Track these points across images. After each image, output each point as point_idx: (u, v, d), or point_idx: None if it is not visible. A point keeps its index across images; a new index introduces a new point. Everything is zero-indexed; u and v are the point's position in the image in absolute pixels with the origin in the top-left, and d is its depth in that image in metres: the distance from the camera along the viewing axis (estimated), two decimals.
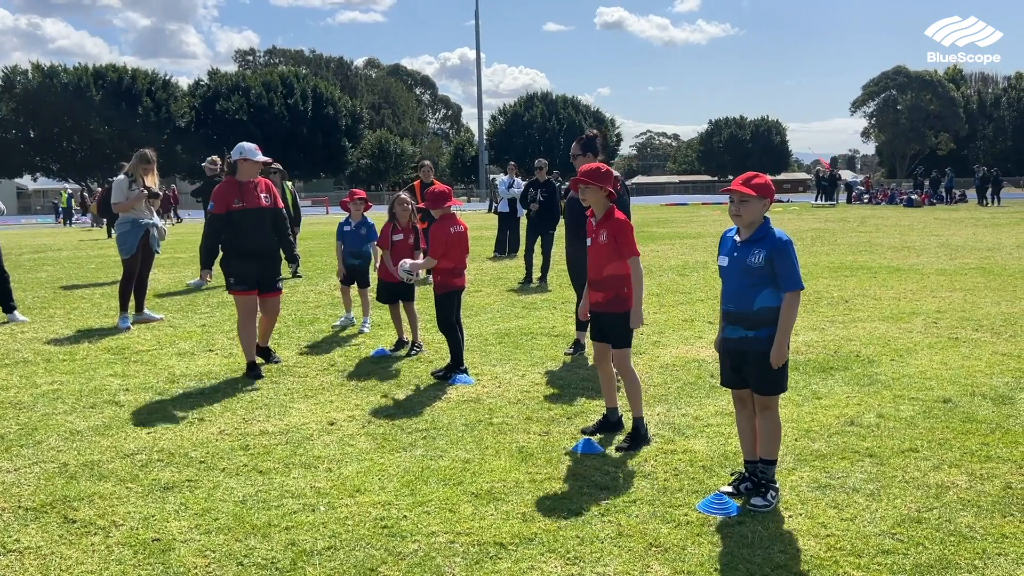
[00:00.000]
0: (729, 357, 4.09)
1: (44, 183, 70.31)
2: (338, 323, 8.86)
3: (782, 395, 5.63)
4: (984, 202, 37.01)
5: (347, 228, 8.68)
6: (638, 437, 4.84)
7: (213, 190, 6.55)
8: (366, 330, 8.59)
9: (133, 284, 9.25)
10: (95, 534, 3.77)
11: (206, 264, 7.00)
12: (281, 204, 6.94)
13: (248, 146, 6.67)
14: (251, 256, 6.63)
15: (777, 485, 4.03)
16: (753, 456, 4.10)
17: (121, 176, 9.46)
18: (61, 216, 40.18)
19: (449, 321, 6.48)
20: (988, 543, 3.50)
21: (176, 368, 7.03)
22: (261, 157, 6.70)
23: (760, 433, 4.05)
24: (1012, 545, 3.48)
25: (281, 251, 7.02)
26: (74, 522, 3.90)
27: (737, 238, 4.04)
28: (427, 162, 12.65)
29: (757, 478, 4.03)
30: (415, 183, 12.02)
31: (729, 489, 4.08)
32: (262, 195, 6.70)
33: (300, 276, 13.13)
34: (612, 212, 4.90)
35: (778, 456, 4.06)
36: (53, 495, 4.22)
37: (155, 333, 8.65)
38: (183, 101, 64.86)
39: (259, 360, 6.87)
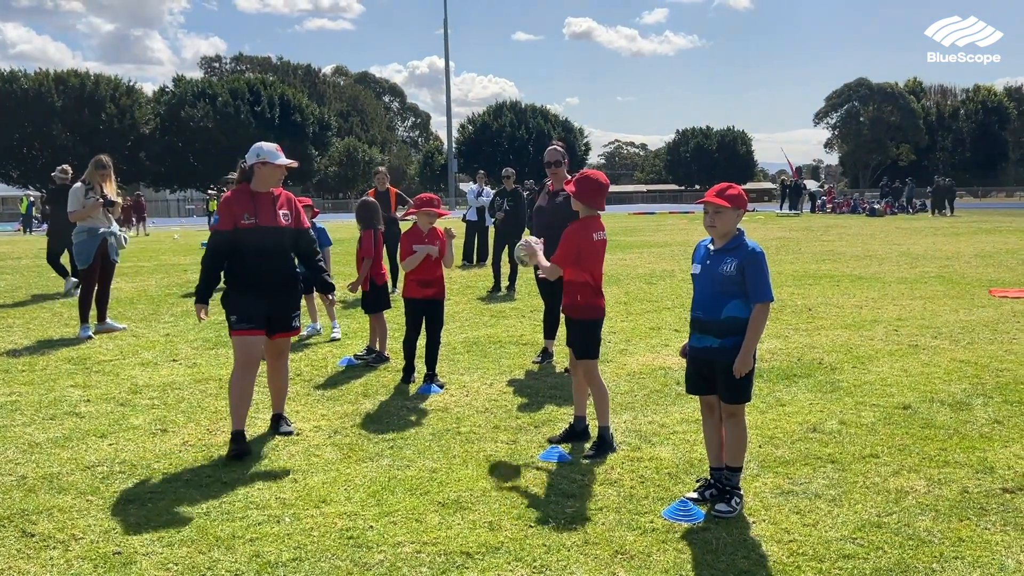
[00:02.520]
0: (696, 364, 4.14)
1: (3, 190, 68.92)
2: (305, 332, 8.80)
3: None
4: (935, 212, 37.77)
5: None
6: (604, 445, 4.87)
7: (221, 200, 5.16)
8: (337, 336, 8.59)
9: (93, 294, 9.06)
10: (54, 548, 3.70)
11: (202, 298, 5.11)
12: (307, 224, 5.44)
13: (268, 147, 5.17)
14: (260, 287, 5.08)
15: (742, 492, 4.08)
16: (719, 463, 4.15)
17: (77, 184, 9.16)
18: (20, 224, 39.39)
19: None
20: (945, 547, 3.57)
21: (139, 378, 6.92)
22: (284, 160, 5.22)
23: (727, 441, 4.10)
24: (969, 548, 3.55)
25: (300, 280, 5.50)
26: (32, 536, 3.82)
27: (711, 247, 4.09)
28: (382, 168, 12.29)
29: (722, 484, 4.07)
30: (370, 192, 11.69)
31: (695, 495, 4.12)
32: (281, 212, 5.17)
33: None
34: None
35: (744, 463, 4.12)
36: (11, 509, 4.13)
37: (117, 343, 8.52)
38: (147, 108, 63.94)
39: (245, 434, 5.08)
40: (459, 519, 3.95)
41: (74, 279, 8.46)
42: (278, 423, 5.44)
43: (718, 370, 4.01)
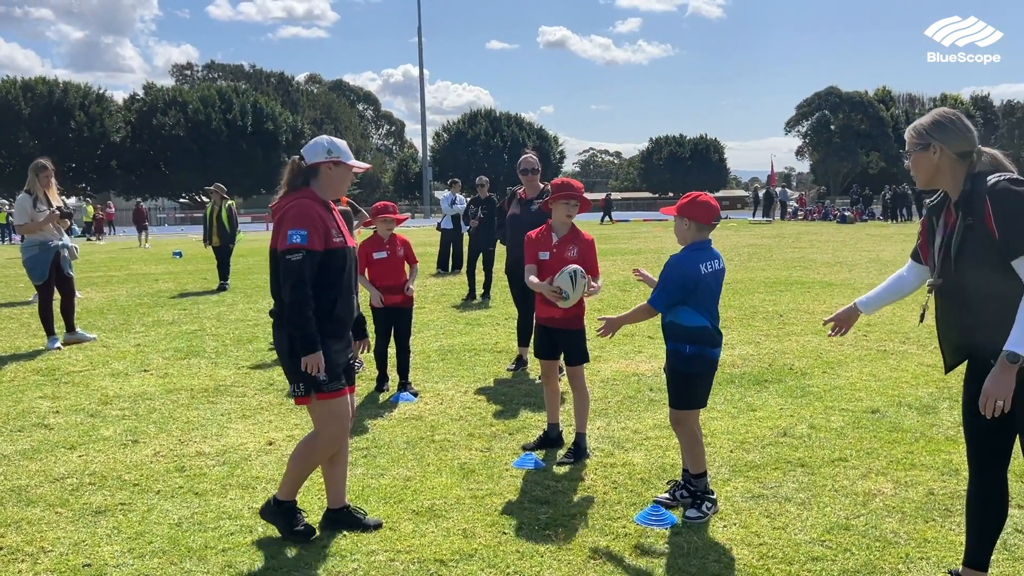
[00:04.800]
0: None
1: None
2: None
3: (716, 408, 5.76)
4: (892, 219, 38.38)
5: None
6: (579, 452, 4.90)
7: (297, 207, 3.75)
8: None
9: (52, 308, 8.82)
10: (23, 561, 3.66)
11: (314, 343, 3.71)
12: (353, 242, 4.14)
13: (342, 144, 3.94)
14: (346, 328, 3.98)
15: (714, 496, 4.13)
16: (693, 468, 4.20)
17: (22, 194, 8.75)
18: None
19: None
20: (911, 548, 3.64)
21: (109, 389, 6.85)
22: (358, 163, 3.99)
23: (680, 447, 4.19)
24: (934, 549, 3.62)
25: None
26: (0, 549, 3.77)
27: None
28: None
29: (691, 489, 4.12)
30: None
31: (666, 497, 4.17)
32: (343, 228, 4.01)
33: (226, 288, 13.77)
34: (578, 230, 5.01)
35: (706, 468, 4.15)
36: None
37: (87, 353, 8.42)
38: (118, 116, 63.26)
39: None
40: (433, 527, 3.96)
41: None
42: (347, 520, 3.99)
43: (666, 373, 4.19)
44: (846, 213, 40.14)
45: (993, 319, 2.85)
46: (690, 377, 4.06)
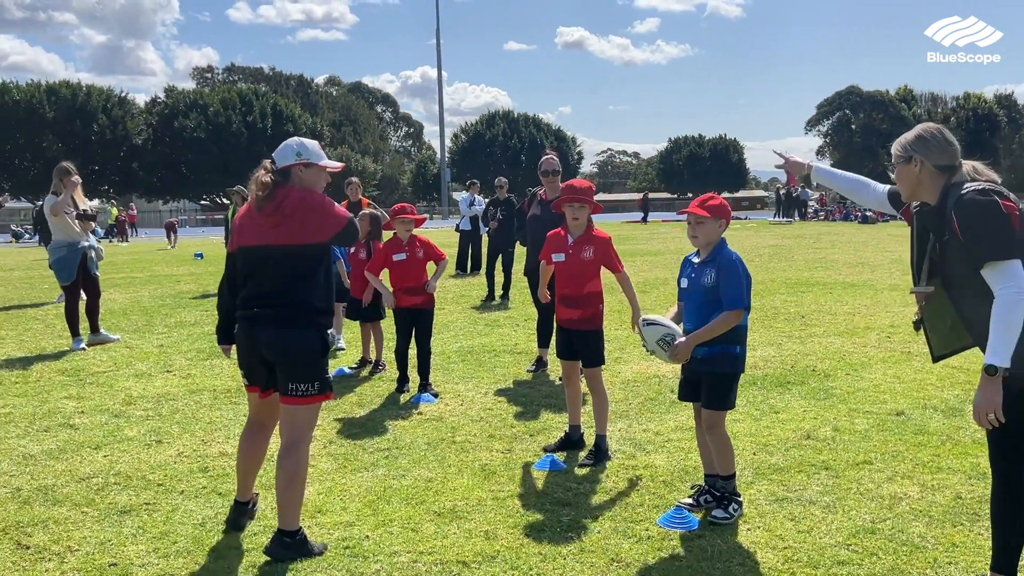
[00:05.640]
0: (687, 372, 4.18)
1: None
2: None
3: (739, 410, 5.72)
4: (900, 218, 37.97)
5: None
6: (600, 453, 4.89)
7: (349, 215, 3.84)
8: (343, 346, 8.62)
9: (78, 309, 8.95)
10: (49, 560, 3.69)
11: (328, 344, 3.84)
12: None
13: (312, 145, 3.87)
14: None
15: (740, 498, 4.10)
16: (712, 470, 4.17)
17: (49, 195, 8.96)
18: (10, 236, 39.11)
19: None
20: (939, 552, 3.59)
21: (133, 390, 6.91)
22: (330, 163, 3.92)
23: (712, 451, 4.14)
24: (962, 554, 3.57)
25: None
26: (28, 548, 3.81)
27: (695, 260, 4.13)
28: (354, 179, 11.85)
29: (718, 492, 4.09)
30: (343, 203, 11.48)
31: (690, 501, 4.14)
32: None
33: None
34: (593, 228, 5.00)
35: (735, 470, 4.13)
36: (6, 521, 4.12)
37: (111, 354, 8.50)
38: (140, 118, 63.85)
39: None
40: (455, 528, 3.96)
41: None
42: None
43: (702, 377, 4.06)
44: (867, 213, 39.77)
45: (987, 323, 2.86)
46: (735, 377, 4.05)
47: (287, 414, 3.72)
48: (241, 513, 3.98)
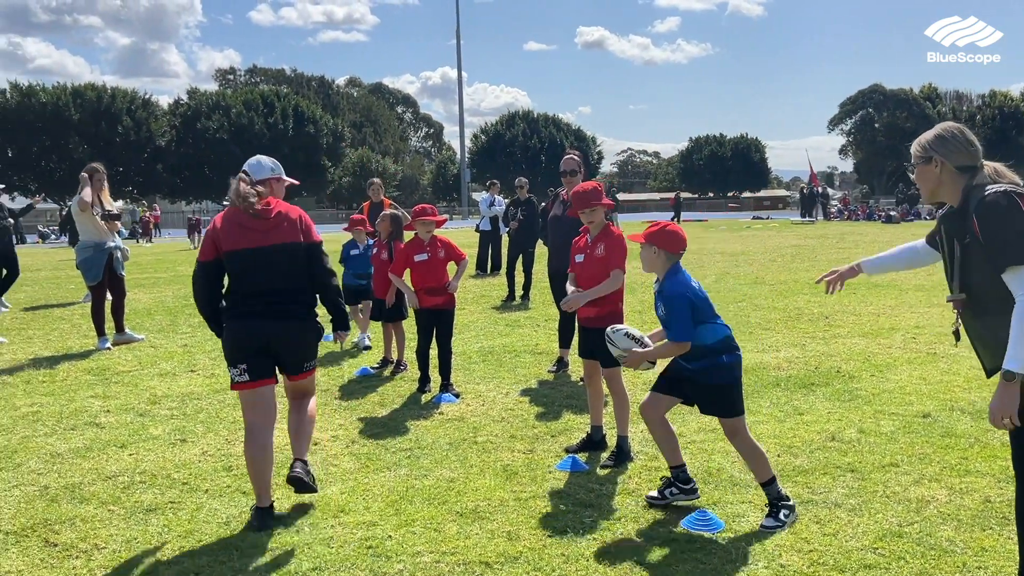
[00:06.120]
0: (670, 367, 4.21)
1: (22, 202, 69.57)
2: (355, 341, 8.83)
3: (763, 411, 5.69)
4: (926, 218, 37.54)
5: (355, 252, 8.73)
6: (622, 455, 4.87)
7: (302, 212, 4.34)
8: (369, 344, 8.65)
9: (104, 308, 9.05)
10: (77, 557, 3.73)
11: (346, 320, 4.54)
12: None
13: (277, 163, 4.54)
14: None
15: (791, 502, 4.01)
16: (675, 461, 4.20)
17: (76, 196, 9.05)
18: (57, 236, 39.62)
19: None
20: (968, 557, 3.54)
21: (158, 389, 6.97)
22: (290, 180, 4.60)
23: (742, 458, 4.11)
24: (992, 558, 3.52)
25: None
26: (55, 545, 3.86)
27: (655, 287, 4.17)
28: (376, 180, 11.78)
29: (684, 484, 4.14)
30: (364, 205, 11.49)
31: (655, 494, 4.19)
32: None
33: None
34: (609, 227, 5.00)
35: (774, 473, 4.04)
36: (34, 518, 4.17)
37: (136, 353, 8.59)
38: (163, 120, 64.51)
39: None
40: (477, 529, 3.95)
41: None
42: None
43: (700, 391, 4.07)
44: (891, 213, 39.36)
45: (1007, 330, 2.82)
46: (734, 384, 4.02)
47: (298, 386, 4.37)
48: (268, 515, 4.08)
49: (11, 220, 13.77)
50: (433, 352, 6.73)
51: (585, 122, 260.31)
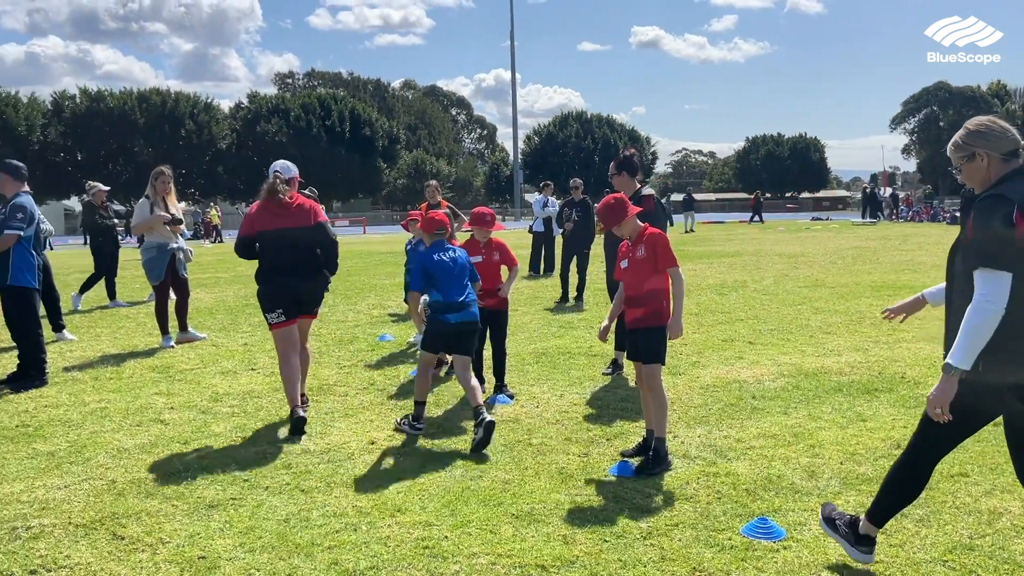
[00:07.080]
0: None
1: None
2: (411, 340, 8.92)
3: (824, 417, 5.56)
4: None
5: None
6: (658, 459, 4.76)
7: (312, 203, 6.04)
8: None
9: (167, 308, 9.29)
10: (143, 551, 3.83)
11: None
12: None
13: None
14: None
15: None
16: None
17: (142, 200, 9.37)
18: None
19: None
20: None
21: (219, 387, 7.13)
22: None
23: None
24: None
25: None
26: (123, 539, 3.96)
27: None
28: (433, 182, 11.74)
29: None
30: (421, 206, 11.53)
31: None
32: None
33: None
34: (645, 230, 4.95)
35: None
36: (102, 512, 4.29)
37: (198, 352, 8.79)
38: (224, 123, 66.06)
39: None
40: (533, 531, 3.94)
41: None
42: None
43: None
44: (956, 213, 38.16)
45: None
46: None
47: (308, 324, 6.16)
48: (302, 419, 5.59)
49: (116, 220, 14.38)
50: (487, 353, 6.74)
51: (639, 122, 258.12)
